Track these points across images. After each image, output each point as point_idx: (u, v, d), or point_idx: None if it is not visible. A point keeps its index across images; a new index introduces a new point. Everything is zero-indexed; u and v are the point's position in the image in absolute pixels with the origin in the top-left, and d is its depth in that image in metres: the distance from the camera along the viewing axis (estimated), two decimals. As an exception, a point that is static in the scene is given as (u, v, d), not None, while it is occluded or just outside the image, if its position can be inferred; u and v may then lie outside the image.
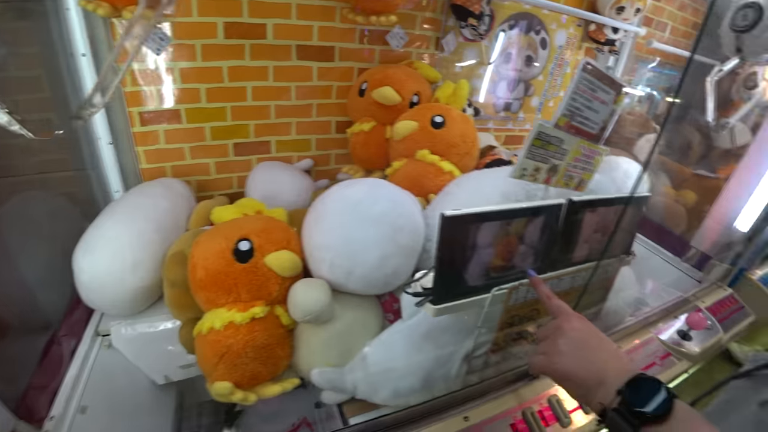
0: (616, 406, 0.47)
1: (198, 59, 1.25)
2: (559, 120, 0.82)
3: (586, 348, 0.55)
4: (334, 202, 0.87)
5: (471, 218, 0.62)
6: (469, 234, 0.64)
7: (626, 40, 1.94)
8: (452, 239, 0.62)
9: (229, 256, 0.86)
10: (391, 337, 0.84)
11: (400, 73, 1.29)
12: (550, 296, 0.64)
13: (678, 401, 0.45)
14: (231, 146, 1.39)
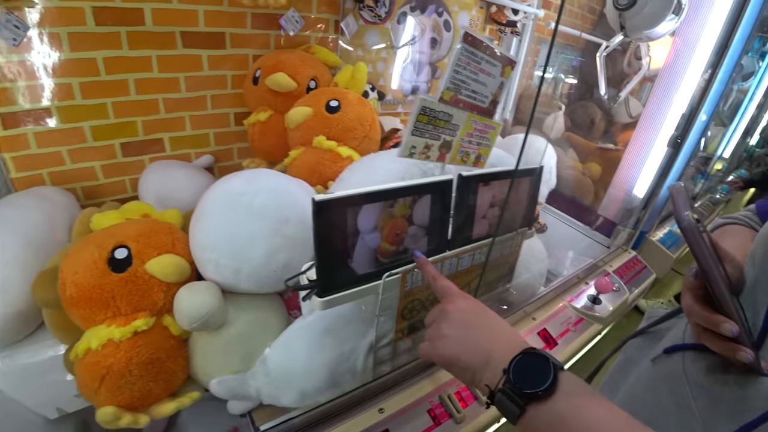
0: (501, 387, 0.45)
1: (65, 50, 1.11)
2: (443, 94, 0.81)
3: (471, 328, 0.52)
4: (213, 198, 0.80)
5: (346, 202, 0.59)
6: (348, 219, 0.61)
7: (527, 22, 2.01)
8: (329, 226, 0.59)
9: (102, 266, 0.77)
10: (290, 337, 0.79)
11: (295, 58, 1.23)
12: (436, 277, 0.60)
13: (563, 374, 0.43)
14: (118, 146, 1.26)
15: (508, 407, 0.43)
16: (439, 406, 0.87)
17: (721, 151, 2.84)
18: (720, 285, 0.43)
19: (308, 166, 1.07)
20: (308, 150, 1.10)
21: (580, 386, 0.42)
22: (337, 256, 0.62)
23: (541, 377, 0.42)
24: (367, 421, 0.81)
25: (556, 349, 1.13)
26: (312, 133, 1.10)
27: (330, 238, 0.60)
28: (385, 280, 0.67)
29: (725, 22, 1.32)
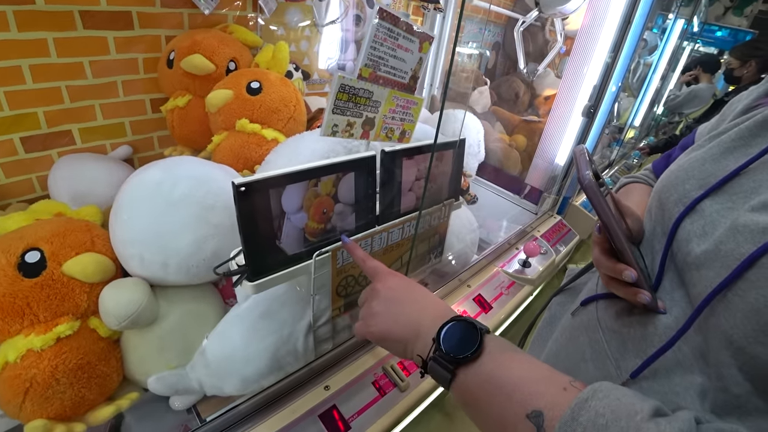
0: (432, 355, 0.47)
1: (-61, 31, 1.00)
2: (362, 71, 0.82)
3: (400, 303, 0.54)
4: (130, 191, 0.77)
5: (268, 183, 0.60)
6: (272, 200, 0.61)
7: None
8: (252, 209, 0.59)
9: (12, 272, 0.72)
10: (227, 325, 0.79)
11: (211, 38, 1.19)
12: (365, 259, 0.62)
13: (488, 336, 0.46)
14: (18, 141, 1.16)
15: (440, 373, 0.45)
16: (383, 377, 0.91)
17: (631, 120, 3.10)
18: (620, 237, 0.47)
19: (233, 151, 1.05)
20: (232, 134, 1.08)
21: (503, 345, 0.45)
22: (265, 239, 0.63)
23: (468, 342, 0.45)
24: (313, 400, 0.83)
25: (491, 313, 1.21)
26: (234, 116, 1.07)
27: (255, 221, 0.61)
28: (316, 258, 0.69)
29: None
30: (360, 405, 0.85)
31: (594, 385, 0.36)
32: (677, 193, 0.48)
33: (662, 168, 0.70)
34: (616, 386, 0.36)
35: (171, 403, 0.83)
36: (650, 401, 0.34)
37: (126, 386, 0.86)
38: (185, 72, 1.13)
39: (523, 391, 0.39)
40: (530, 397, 0.38)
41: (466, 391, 0.44)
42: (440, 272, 1.21)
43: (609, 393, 0.35)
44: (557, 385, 0.38)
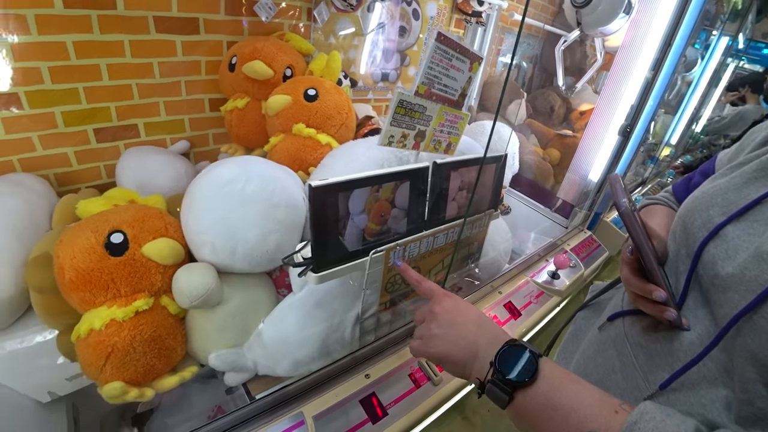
0: (491, 378, 0.51)
1: (33, 32, 1.12)
2: (418, 88, 0.91)
3: (457, 326, 0.58)
4: (205, 185, 0.88)
5: (339, 187, 0.69)
6: (340, 202, 0.70)
7: (491, 12, 2.13)
8: (323, 208, 0.68)
9: (100, 250, 0.83)
10: (284, 312, 0.89)
11: (271, 45, 1.29)
12: (420, 280, 0.68)
13: (543, 360, 0.50)
14: (91, 132, 1.29)
15: (498, 396, 0.49)
16: (418, 371, 1.00)
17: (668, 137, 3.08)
18: (651, 259, 0.53)
19: (289, 152, 1.15)
20: (288, 137, 1.18)
21: (556, 369, 0.49)
22: (330, 236, 0.72)
23: (523, 366, 0.49)
24: (355, 386, 0.92)
25: (520, 320, 1.28)
26: (291, 120, 1.17)
27: (324, 219, 0.70)
28: (372, 256, 0.78)
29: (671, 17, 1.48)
30: (397, 394, 0.94)
31: (640, 407, 0.41)
32: (701, 218, 0.53)
33: (683, 190, 0.76)
34: (661, 408, 0.41)
35: (225, 379, 0.93)
36: (691, 421, 0.39)
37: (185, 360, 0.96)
38: (246, 76, 1.24)
39: (578, 414, 0.43)
40: (585, 419, 0.42)
41: (524, 413, 0.48)
42: (474, 277, 1.29)
43: (654, 415, 0.39)
44: (609, 407, 0.43)
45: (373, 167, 0.95)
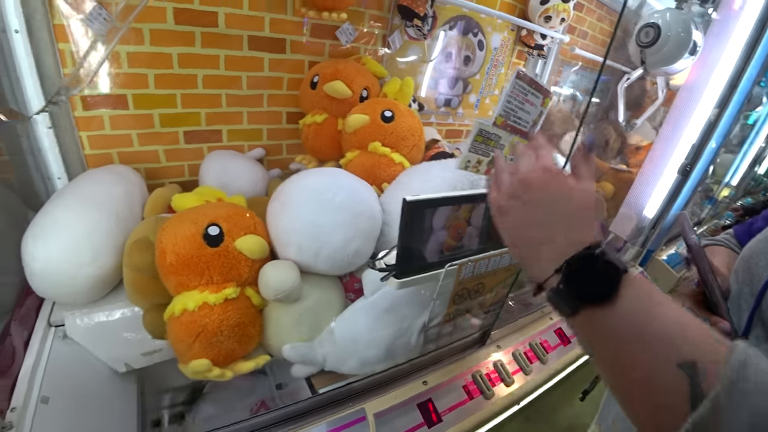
0: (555, 287, 0.45)
1: (146, 44, 1.28)
2: (496, 119, 0.99)
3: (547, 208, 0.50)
4: (299, 191, 0.98)
5: (429, 203, 0.77)
6: (427, 217, 0.78)
7: (552, 46, 2.21)
8: (413, 221, 0.76)
9: (199, 240, 0.94)
10: (355, 313, 0.97)
11: (350, 68, 1.41)
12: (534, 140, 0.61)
13: (629, 278, 0.42)
14: (181, 134, 1.43)
15: (562, 305, 0.45)
16: (472, 383, 1.05)
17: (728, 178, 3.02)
18: (717, 293, 0.58)
19: (364, 168, 1.24)
20: (364, 153, 1.28)
21: (644, 286, 0.43)
22: (415, 247, 0.80)
23: (604, 277, 0.43)
24: (413, 390, 0.99)
25: (569, 347, 1.31)
26: (368, 138, 1.27)
27: (412, 231, 0.78)
28: (447, 269, 0.85)
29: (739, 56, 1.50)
30: (451, 403, 1.00)
31: (736, 343, 0.37)
32: (765, 260, 0.57)
33: (745, 234, 0.80)
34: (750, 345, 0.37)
35: (293, 371, 1.01)
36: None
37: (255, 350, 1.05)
38: (326, 94, 1.36)
39: (670, 338, 0.38)
40: (679, 346, 0.38)
41: (594, 328, 0.43)
42: (525, 302, 1.34)
43: (757, 351, 0.36)
44: (705, 336, 0.38)
45: (447, 188, 1.03)
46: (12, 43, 1.13)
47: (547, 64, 2.28)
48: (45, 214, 1.05)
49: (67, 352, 1.07)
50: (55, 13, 1.17)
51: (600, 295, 0.42)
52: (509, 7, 1.96)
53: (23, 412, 0.87)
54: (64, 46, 1.20)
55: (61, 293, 1.05)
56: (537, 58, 2.20)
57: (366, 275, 0.98)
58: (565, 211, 0.50)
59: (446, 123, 2.03)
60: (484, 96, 2.10)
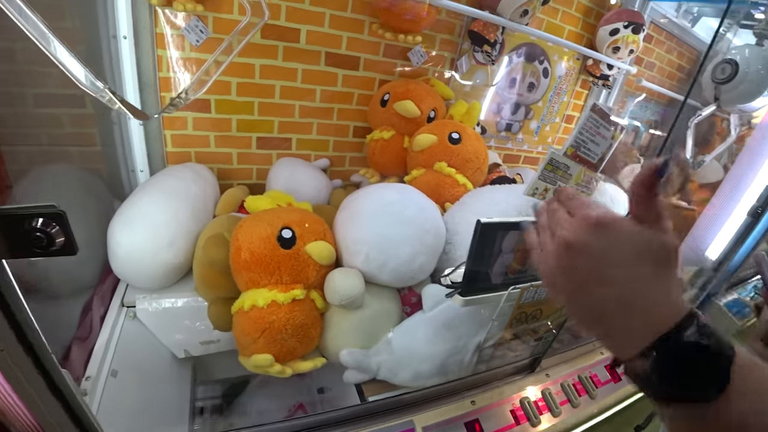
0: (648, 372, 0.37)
1: (233, 54, 1.38)
2: (567, 149, 1.01)
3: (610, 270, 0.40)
4: (370, 203, 1.03)
5: (501, 226, 0.80)
6: (497, 239, 0.81)
7: (618, 76, 2.19)
8: (484, 242, 0.79)
9: (273, 241, 1.00)
10: (413, 326, 1.00)
11: (420, 89, 1.47)
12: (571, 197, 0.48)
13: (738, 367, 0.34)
14: (254, 139, 1.53)
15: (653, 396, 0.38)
16: (519, 409, 1.06)
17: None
18: None
19: (429, 186, 1.29)
20: (429, 172, 1.32)
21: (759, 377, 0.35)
22: (483, 267, 0.83)
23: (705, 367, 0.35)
24: (461, 409, 1.01)
25: (619, 384, 1.29)
26: (434, 158, 1.32)
27: (483, 252, 0.81)
28: (510, 291, 0.87)
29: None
30: (497, 426, 1.01)
31: None
32: None
33: None
34: None
35: (345, 376, 1.05)
36: None
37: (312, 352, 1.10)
38: (395, 112, 1.42)
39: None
40: None
41: (690, 423, 0.37)
42: (576, 334, 1.33)
43: None
44: None
45: (512, 212, 1.06)
46: (120, 47, 1.26)
47: (612, 94, 2.26)
48: (131, 204, 1.15)
49: (135, 331, 1.16)
50: (158, 23, 1.29)
51: (702, 394, 0.35)
52: (577, 37, 1.98)
53: (96, 382, 0.96)
54: (162, 52, 1.32)
55: (138, 277, 1.15)
56: (601, 88, 2.19)
57: (426, 290, 1.01)
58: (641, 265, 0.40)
59: (505, 147, 2.05)
60: (544, 123, 2.11)
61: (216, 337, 1.23)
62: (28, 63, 1.07)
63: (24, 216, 0.48)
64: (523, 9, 1.52)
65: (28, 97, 1.11)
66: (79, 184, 1.27)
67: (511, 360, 1.11)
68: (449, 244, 1.08)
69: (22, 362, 0.54)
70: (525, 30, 1.66)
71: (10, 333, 0.51)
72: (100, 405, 0.92)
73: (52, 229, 0.50)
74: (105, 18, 1.23)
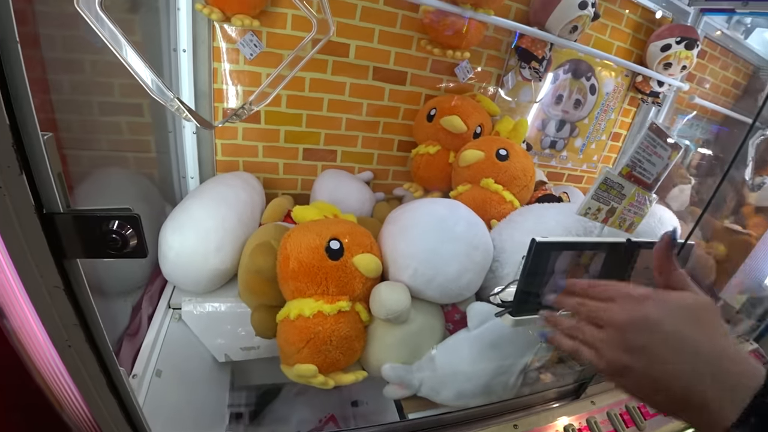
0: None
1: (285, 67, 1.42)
2: (623, 169, 0.99)
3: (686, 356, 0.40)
4: (421, 216, 1.03)
5: (556, 246, 0.78)
6: (551, 259, 0.80)
7: (669, 93, 2.13)
8: (538, 262, 0.78)
9: (321, 252, 1.02)
10: (457, 343, 0.99)
11: (467, 104, 1.47)
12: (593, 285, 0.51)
13: None
14: (301, 150, 1.56)
15: None
16: (562, 437, 1.02)
17: None
18: None
19: (475, 202, 1.28)
20: (475, 188, 1.32)
21: None
22: (535, 287, 0.81)
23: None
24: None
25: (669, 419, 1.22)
26: (481, 174, 1.32)
27: (536, 272, 0.79)
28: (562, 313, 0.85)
29: None
30: (541, 453, 0.98)
31: None
32: None
33: None
34: None
35: (385, 391, 1.04)
36: None
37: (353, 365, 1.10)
38: (441, 127, 1.43)
39: None
40: None
41: None
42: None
43: None
44: None
45: (561, 232, 1.04)
46: (179, 60, 1.32)
47: (661, 112, 2.20)
48: (183, 209, 1.20)
49: (180, 333, 1.19)
50: (215, 37, 1.35)
51: None
52: (626, 53, 1.94)
53: (141, 380, 0.99)
54: (217, 65, 1.38)
55: (185, 280, 1.19)
56: (651, 106, 2.13)
57: (472, 307, 1.00)
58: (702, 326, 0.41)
59: (548, 165, 2.02)
60: (590, 141, 2.07)
61: (256, 343, 1.25)
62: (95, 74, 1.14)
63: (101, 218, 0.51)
64: (572, 25, 1.50)
65: (93, 105, 1.17)
66: (135, 188, 1.33)
67: (556, 384, 1.08)
68: (496, 262, 1.07)
69: (87, 359, 0.56)
70: (573, 46, 1.64)
71: (78, 331, 0.54)
72: (145, 403, 0.94)
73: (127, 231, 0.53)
74: (167, 32, 1.30)
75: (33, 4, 0.86)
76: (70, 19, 1.00)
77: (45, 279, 0.49)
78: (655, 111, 2.21)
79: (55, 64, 0.96)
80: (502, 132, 1.47)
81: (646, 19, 1.91)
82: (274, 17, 1.35)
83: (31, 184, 0.44)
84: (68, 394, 0.62)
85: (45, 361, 0.56)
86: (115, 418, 0.64)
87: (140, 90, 1.32)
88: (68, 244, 0.49)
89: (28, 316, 0.51)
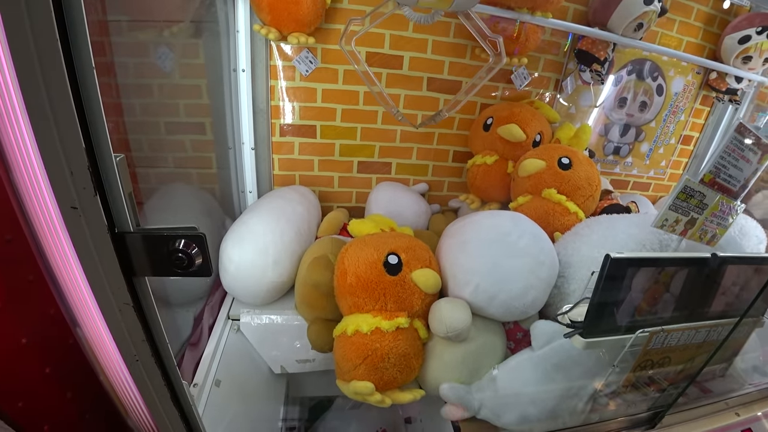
0: None
1: (339, 82, 1.45)
2: (704, 176, 0.91)
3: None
4: (482, 230, 1.00)
5: (633, 262, 0.73)
6: (627, 277, 0.74)
7: (748, 90, 1.95)
8: (613, 280, 0.73)
9: (380, 267, 1.01)
10: (521, 364, 0.94)
11: (525, 112, 1.42)
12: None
13: None
14: (356, 163, 1.58)
15: None
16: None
17: None
18: None
19: (537, 213, 1.23)
20: (536, 199, 1.26)
21: None
22: (609, 307, 0.76)
23: None
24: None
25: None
26: (542, 184, 1.26)
27: (610, 290, 0.74)
28: (639, 334, 0.78)
29: None
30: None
31: None
32: None
33: None
34: None
35: (443, 411, 1.01)
36: None
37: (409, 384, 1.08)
38: (499, 136, 1.39)
39: None
40: None
41: None
42: (704, 388, 1.17)
43: None
44: None
45: (633, 246, 0.97)
46: (239, 79, 1.37)
47: (739, 110, 2.02)
48: (243, 223, 1.24)
49: (238, 344, 1.23)
50: (272, 55, 1.39)
51: None
52: (697, 48, 1.80)
53: (202, 389, 1.02)
54: (273, 82, 1.42)
55: (244, 293, 1.22)
56: (727, 104, 1.96)
57: (537, 326, 0.95)
58: None
59: (612, 172, 1.91)
60: (658, 145, 1.93)
61: (312, 356, 1.26)
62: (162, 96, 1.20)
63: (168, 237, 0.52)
64: (637, 23, 1.42)
65: (160, 125, 1.23)
66: (197, 203, 1.39)
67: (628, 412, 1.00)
68: (561, 278, 1.01)
69: (152, 373, 0.58)
70: (639, 45, 1.54)
71: (145, 346, 0.55)
72: (204, 413, 0.97)
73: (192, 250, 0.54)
74: (227, 54, 1.35)
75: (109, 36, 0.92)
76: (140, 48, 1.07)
77: (116, 296, 0.51)
78: (733, 110, 2.04)
79: (127, 88, 1.02)
80: (563, 139, 1.40)
81: (719, 10, 1.77)
82: (327, 33, 1.38)
83: (104, 204, 0.46)
84: (134, 403, 0.64)
85: (115, 371, 0.60)
86: (176, 427, 0.66)
87: (204, 109, 1.39)
88: (137, 262, 0.51)
89: (101, 329, 0.54)
